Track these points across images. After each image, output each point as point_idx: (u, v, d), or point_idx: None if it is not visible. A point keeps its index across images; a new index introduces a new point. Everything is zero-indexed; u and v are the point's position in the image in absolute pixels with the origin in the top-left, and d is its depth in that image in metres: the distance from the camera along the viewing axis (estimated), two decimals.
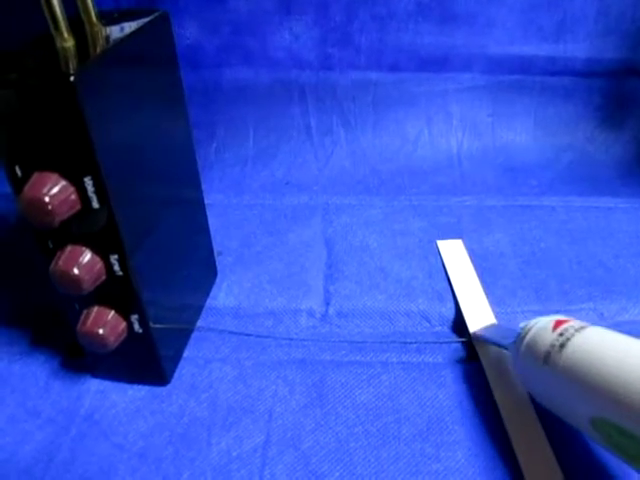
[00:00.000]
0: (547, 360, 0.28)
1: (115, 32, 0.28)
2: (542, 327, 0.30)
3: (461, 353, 0.37)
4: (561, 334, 0.29)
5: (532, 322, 0.31)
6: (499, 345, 0.35)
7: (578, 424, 0.28)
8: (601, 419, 0.26)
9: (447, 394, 0.34)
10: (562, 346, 0.28)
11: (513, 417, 0.32)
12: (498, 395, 0.34)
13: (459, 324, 0.39)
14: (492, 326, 0.38)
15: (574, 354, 0.27)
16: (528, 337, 0.30)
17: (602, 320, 0.39)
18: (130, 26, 0.29)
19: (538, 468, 0.30)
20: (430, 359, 0.37)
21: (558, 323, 0.30)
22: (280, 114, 0.61)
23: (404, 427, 0.32)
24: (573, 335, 0.28)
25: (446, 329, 0.40)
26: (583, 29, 0.58)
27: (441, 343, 0.38)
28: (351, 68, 0.59)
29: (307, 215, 0.51)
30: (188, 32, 0.57)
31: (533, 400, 0.32)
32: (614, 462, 0.30)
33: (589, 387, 0.26)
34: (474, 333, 0.37)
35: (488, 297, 0.40)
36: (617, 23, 0.57)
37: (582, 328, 0.29)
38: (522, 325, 0.32)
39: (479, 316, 0.39)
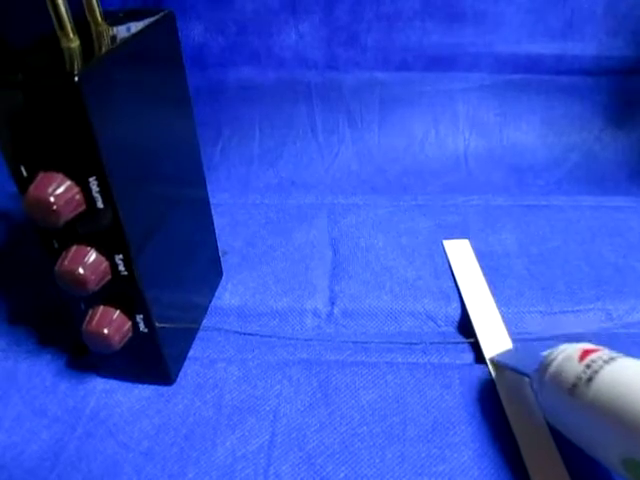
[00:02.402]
0: (573, 393, 0.27)
1: (121, 32, 0.28)
2: (567, 357, 0.28)
3: (467, 354, 0.37)
4: (588, 366, 0.27)
5: (557, 350, 0.29)
6: (518, 372, 0.33)
7: (607, 463, 0.26)
8: (634, 461, 0.24)
9: (453, 395, 0.34)
10: (590, 379, 0.26)
11: (530, 443, 0.31)
12: (514, 420, 0.32)
13: (465, 324, 0.39)
14: (510, 351, 0.36)
15: (603, 388, 0.25)
16: (553, 367, 0.28)
17: (611, 320, 0.39)
18: (136, 26, 0.29)
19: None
20: (436, 360, 0.37)
21: (585, 353, 0.28)
22: (286, 114, 0.61)
23: (409, 428, 0.32)
24: (602, 367, 0.26)
25: (452, 329, 0.39)
26: (591, 28, 0.58)
27: (447, 344, 0.38)
28: (357, 68, 0.59)
29: (313, 215, 0.51)
30: (194, 32, 0.57)
31: (550, 428, 0.31)
32: None
33: (621, 425, 0.24)
34: (493, 358, 0.36)
35: (495, 297, 0.40)
36: (625, 22, 0.57)
37: (612, 359, 0.27)
38: (546, 354, 0.30)
39: (485, 316, 0.39)
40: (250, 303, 0.41)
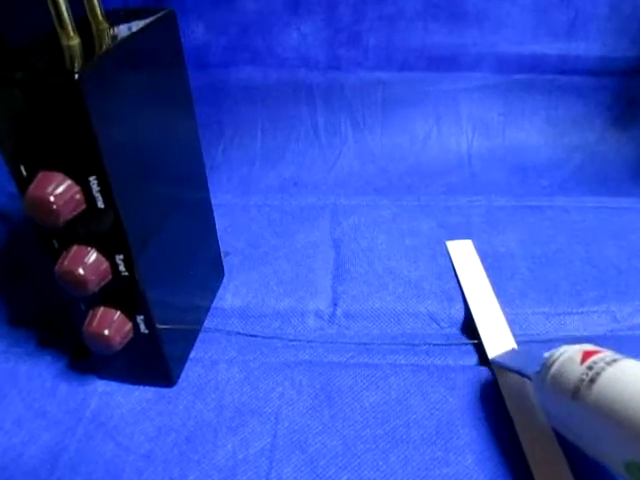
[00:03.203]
0: (576, 396, 0.26)
1: (121, 31, 0.28)
2: (569, 359, 0.28)
3: (471, 355, 0.37)
4: (590, 367, 0.26)
5: (558, 352, 0.29)
6: (520, 374, 0.33)
7: (610, 466, 0.26)
8: (637, 464, 0.23)
9: (457, 397, 0.34)
10: (592, 381, 0.26)
11: (534, 446, 0.30)
12: (518, 423, 0.32)
13: (469, 326, 0.39)
14: (512, 352, 0.36)
15: (605, 391, 0.25)
16: (554, 369, 0.28)
17: (615, 322, 0.39)
18: (137, 25, 0.28)
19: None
20: (439, 361, 0.36)
21: (587, 354, 0.27)
22: (288, 114, 0.60)
23: (413, 430, 0.32)
24: (604, 369, 0.26)
25: (455, 331, 0.39)
26: (595, 28, 0.57)
27: (450, 345, 0.38)
28: (359, 68, 0.59)
29: (315, 216, 0.51)
30: (196, 32, 0.57)
31: (555, 430, 0.31)
32: None
33: (623, 428, 0.24)
34: (493, 360, 0.36)
35: (498, 298, 0.40)
36: (629, 22, 0.57)
37: (613, 361, 0.26)
38: (547, 355, 0.30)
39: (489, 317, 0.38)
40: (252, 304, 0.41)
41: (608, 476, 0.29)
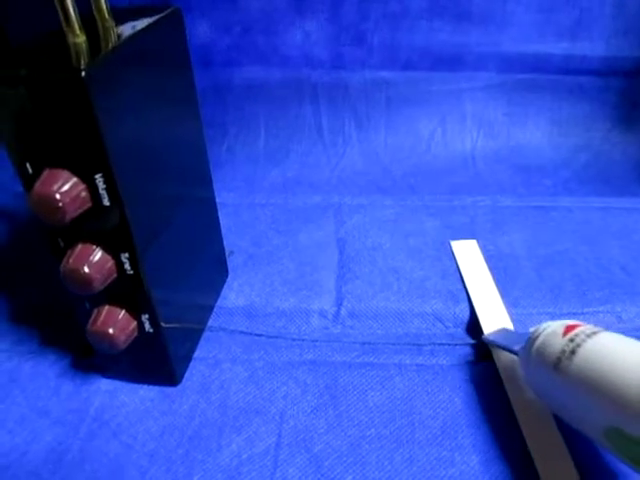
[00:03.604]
0: (557, 367, 0.27)
1: (127, 28, 0.28)
2: (552, 332, 0.29)
3: (476, 355, 0.37)
4: (572, 340, 0.28)
5: (542, 327, 0.30)
6: (509, 350, 0.34)
7: (591, 435, 0.27)
8: (614, 430, 0.24)
9: (462, 397, 0.34)
10: (573, 352, 0.27)
11: (529, 421, 0.31)
12: (513, 399, 0.33)
13: (473, 326, 0.39)
14: (503, 330, 0.37)
15: (585, 361, 0.26)
16: (537, 342, 0.29)
17: (621, 323, 0.39)
18: (143, 22, 0.28)
19: (555, 472, 0.29)
20: (444, 361, 0.36)
21: (569, 328, 0.29)
22: (291, 113, 0.60)
23: (418, 430, 0.32)
24: (584, 341, 0.27)
25: (460, 331, 0.39)
26: (599, 28, 0.57)
27: (455, 345, 0.37)
28: (364, 67, 0.59)
29: (319, 215, 0.50)
30: (200, 30, 0.57)
31: (559, 427, 0.31)
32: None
33: (601, 396, 0.25)
34: (485, 337, 0.36)
35: (503, 298, 0.40)
36: (634, 22, 0.57)
37: (594, 334, 0.27)
38: (532, 330, 0.31)
39: (494, 318, 0.38)
40: (256, 303, 0.40)
41: (613, 471, 0.30)
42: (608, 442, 0.25)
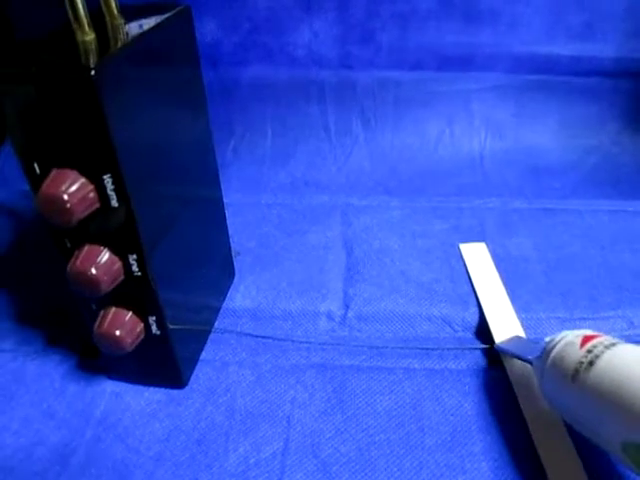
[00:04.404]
0: (575, 378, 0.27)
1: (136, 26, 0.28)
2: (569, 342, 0.29)
3: (485, 360, 0.36)
4: (589, 351, 0.27)
5: (558, 336, 0.30)
6: (523, 359, 0.33)
7: (608, 448, 0.26)
8: (633, 444, 0.24)
9: (471, 402, 0.33)
10: (591, 364, 0.26)
11: (540, 428, 0.31)
12: (525, 407, 0.32)
13: (483, 330, 0.38)
14: (516, 338, 0.36)
15: (604, 373, 0.26)
16: (554, 353, 0.29)
17: (631, 328, 0.38)
18: (152, 20, 0.28)
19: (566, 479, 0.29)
20: (453, 365, 0.36)
21: (586, 339, 0.28)
22: (299, 113, 0.60)
23: (427, 436, 0.31)
24: (603, 352, 0.27)
25: (469, 335, 0.38)
26: (610, 29, 0.57)
27: (464, 349, 0.37)
28: (371, 67, 0.58)
29: (326, 216, 0.50)
30: (207, 29, 0.56)
31: (569, 432, 0.31)
32: None
33: (620, 409, 0.24)
34: (497, 345, 0.36)
35: (513, 302, 0.39)
36: None
37: (612, 345, 0.27)
38: (547, 339, 0.30)
39: (503, 322, 0.38)
40: (263, 305, 0.40)
41: (620, 472, 0.29)
42: (626, 457, 0.25)
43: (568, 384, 0.27)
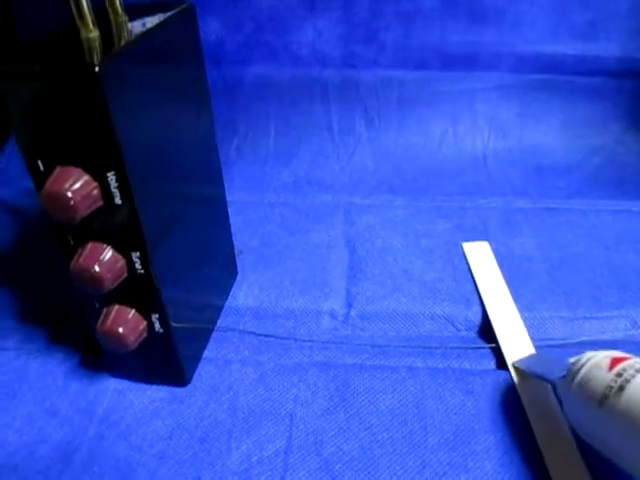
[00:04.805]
0: (603, 403, 0.26)
1: (140, 24, 0.28)
2: (596, 365, 0.27)
3: (488, 359, 0.36)
4: (619, 374, 0.26)
5: (584, 357, 0.29)
6: (544, 379, 0.32)
7: (636, 474, 0.25)
8: None
9: (474, 401, 0.33)
10: (621, 389, 0.25)
11: (554, 452, 0.30)
12: (538, 428, 0.31)
13: (486, 329, 0.38)
14: (534, 357, 0.36)
15: (635, 398, 0.25)
16: (580, 375, 0.28)
17: (635, 328, 0.38)
18: (156, 18, 0.28)
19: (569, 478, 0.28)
20: (456, 365, 0.36)
21: (615, 361, 0.27)
22: (302, 112, 0.60)
23: (430, 435, 0.31)
24: (633, 376, 0.25)
25: (472, 334, 0.38)
26: (615, 28, 0.57)
27: (467, 348, 0.37)
28: (375, 66, 0.58)
29: (329, 215, 0.50)
30: (210, 28, 0.56)
31: (575, 435, 0.30)
32: None
33: None
34: (515, 363, 0.35)
35: (516, 301, 0.39)
36: None
37: None
38: (572, 360, 0.29)
39: (506, 321, 0.38)
40: (265, 304, 0.40)
41: (621, 472, 0.28)
42: None
43: (595, 409, 0.26)
